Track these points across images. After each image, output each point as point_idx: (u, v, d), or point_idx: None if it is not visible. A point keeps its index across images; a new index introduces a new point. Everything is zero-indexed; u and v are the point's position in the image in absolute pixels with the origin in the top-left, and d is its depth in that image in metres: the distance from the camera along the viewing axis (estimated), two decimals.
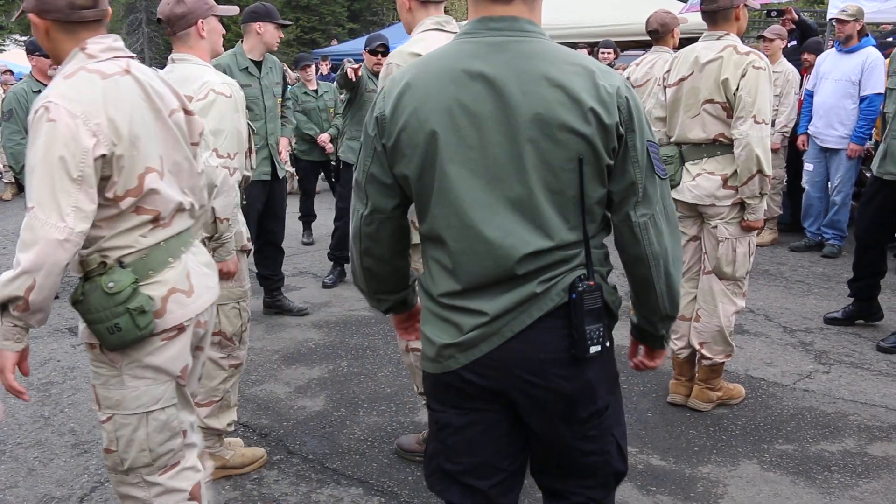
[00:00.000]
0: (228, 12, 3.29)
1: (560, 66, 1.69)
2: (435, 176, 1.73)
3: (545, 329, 1.76)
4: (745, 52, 3.59)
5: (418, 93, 1.72)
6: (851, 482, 3.29)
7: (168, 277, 2.20)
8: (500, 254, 1.71)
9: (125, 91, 2.11)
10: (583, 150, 1.68)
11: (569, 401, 1.80)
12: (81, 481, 3.38)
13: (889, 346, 4.74)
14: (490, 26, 1.73)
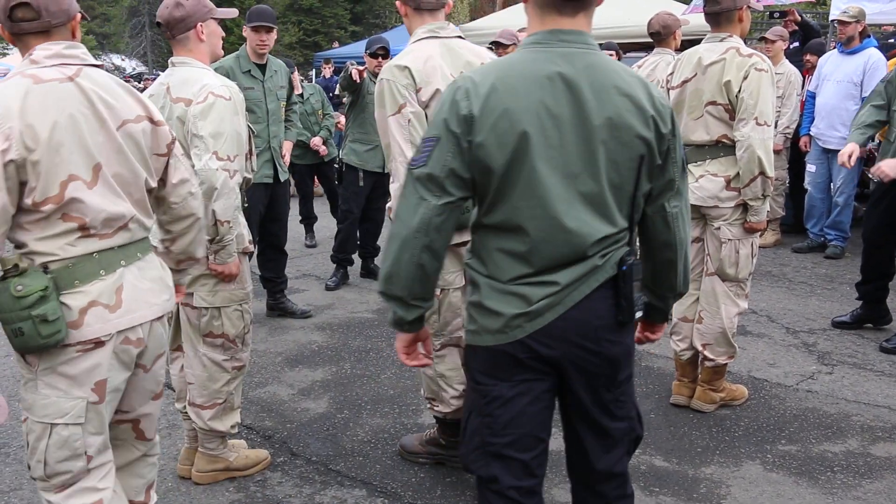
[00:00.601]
0: (228, 15, 3.30)
1: (623, 76, 1.93)
2: (522, 171, 1.90)
3: (599, 298, 1.97)
4: (747, 54, 3.60)
5: (507, 95, 1.88)
6: (854, 483, 3.29)
7: (92, 289, 2.16)
8: (576, 241, 1.93)
9: (58, 98, 2.09)
10: (643, 151, 1.94)
11: (613, 364, 2.02)
12: None
13: (892, 346, 4.74)
14: (561, 38, 1.92)
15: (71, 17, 2.21)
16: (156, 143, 2.30)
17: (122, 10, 39.90)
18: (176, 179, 2.37)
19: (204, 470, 3.35)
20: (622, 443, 2.13)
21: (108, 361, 2.20)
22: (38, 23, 2.13)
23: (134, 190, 2.25)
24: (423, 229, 1.94)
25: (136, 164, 2.24)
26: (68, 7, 2.19)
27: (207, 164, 2.93)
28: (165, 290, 2.36)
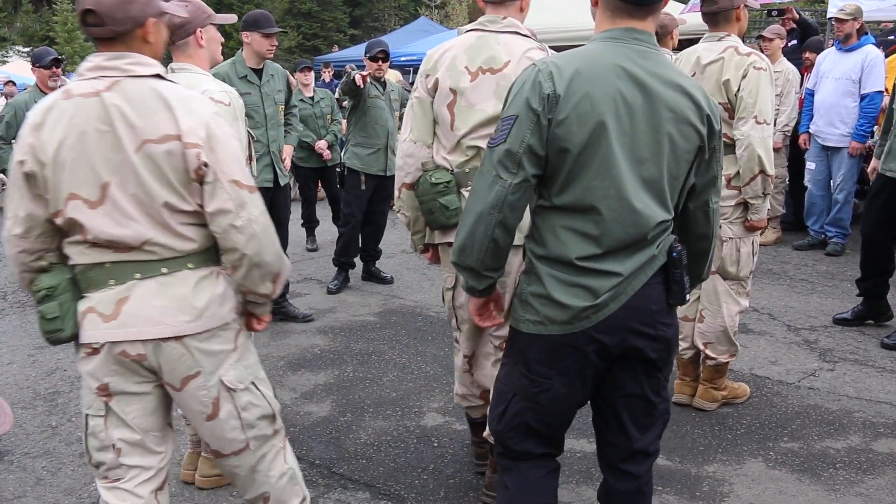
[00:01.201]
0: (227, 21, 3.31)
1: (683, 78, 2.10)
2: (598, 153, 2.02)
3: (653, 285, 2.11)
4: (745, 52, 3.60)
5: (588, 80, 2.01)
6: (857, 479, 3.30)
7: (95, 297, 2.18)
8: (641, 222, 2.05)
9: (74, 115, 2.10)
10: (700, 144, 2.10)
11: (669, 345, 2.17)
12: (90, 490, 3.40)
13: (893, 342, 4.74)
14: (635, 37, 2.08)
15: (139, 24, 2.13)
16: (182, 166, 2.11)
17: None
18: (212, 208, 2.14)
19: (207, 475, 3.35)
20: (659, 423, 2.28)
21: (105, 367, 2.22)
22: (102, 29, 2.11)
23: (153, 213, 2.14)
24: (497, 206, 2.05)
25: (154, 186, 2.12)
26: (137, 14, 2.12)
27: None
28: (187, 312, 2.19)
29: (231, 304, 2.30)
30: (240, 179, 2.16)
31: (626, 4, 2.07)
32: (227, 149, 2.16)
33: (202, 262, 2.24)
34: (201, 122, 2.13)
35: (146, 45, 2.18)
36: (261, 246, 2.21)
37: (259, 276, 2.26)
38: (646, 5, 2.08)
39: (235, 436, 2.35)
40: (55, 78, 6.28)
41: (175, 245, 2.18)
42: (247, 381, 2.35)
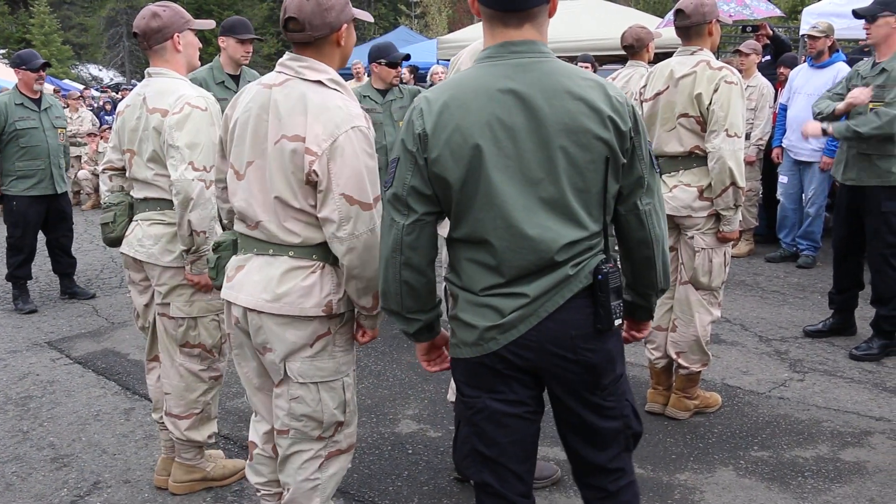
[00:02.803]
0: (204, 26, 3.31)
1: (577, 81, 1.94)
2: (480, 184, 1.94)
3: (574, 308, 1.99)
4: (717, 67, 3.66)
5: (458, 110, 1.93)
6: (824, 487, 3.35)
7: (234, 261, 2.51)
8: (540, 248, 1.94)
9: (252, 100, 2.39)
10: (606, 152, 1.94)
11: (594, 371, 2.04)
12: (61, 495, 3.37)
13: (861, 353, 4.82)
14: (512, 50, 1.96)
15: (335, 30, 2.34)
16: (297, 167, 2.27)
17: (99, 20, 39.68)
18: (321, 215, 2.29)
19: (181, 480, 3.34)
20: (617, 440, 2.15)
21: (228, 321, 2.55)
22: (302, 35, 2.32)
23: (268, 201, 2.35)
24: (397, 248, 2.03)
25: (276, 177, 2.31)
26: (333, 20, 2.32)
27: (183, 174, 2.94)
28: (269, 292, 2.35)
29: (317, 301, 2.37)
30: (352, 195, 2.26)
31: (498, 13, 1.96)
32: (350, 163, 2.25)
33: (305, 254, 2.37)
34: (330, 132, 2.25)
35: (338, 49, 2.40)
36: (360, 261, 2.30)
37: (358, 288, 2.36)
38: (515, 11, 1.94)
39: (280, 416, 2.49)
40: (40, 81, 6.25)
41: (278, 234, 2.36)
42: (309, 380, 2.43)
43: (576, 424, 2.13)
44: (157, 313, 3.24)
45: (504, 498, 2.14)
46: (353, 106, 2.34)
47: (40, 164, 6.21)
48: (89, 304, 6.47)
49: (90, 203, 11.25)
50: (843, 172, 4.91)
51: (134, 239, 3.20)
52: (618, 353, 2.11)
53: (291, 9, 2.29)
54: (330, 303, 2.39)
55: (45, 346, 5.35)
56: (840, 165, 4.96)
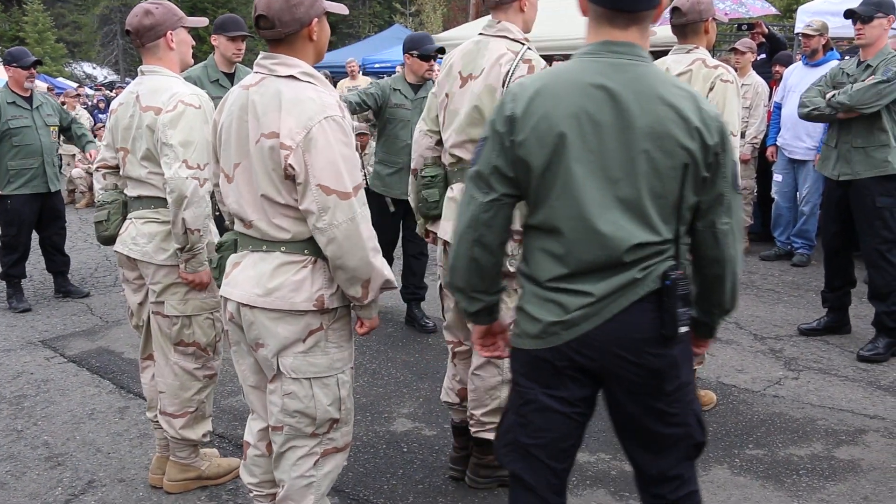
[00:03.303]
0: (197, 24, 3.30)
1: (670, 88, 1.96)
2: (559, 172, 1.96)
3: (639, 311, 1.98)
4: (713, 65, 3.67)
5: (549, 98, 1.97)
6: (819, 485, 3.36)
7: (232, 258, 2.52)
8: (610, 245, 1.95)
9: (233, 103, 2.42)
10: (687, 160, 1.94)
11: (657, 376, 2.03)
12: (55, 494, 3.37)
13: (869, 354, 4.80)
14: (612, 49, 1.98)
15: (305, 25, 2.35)
16: (276, 164, 2.29)
17: (93, 18, 39.60)
18: (302, 208, 2.31)
19: (175, 479, 3.34)
20: (677, 448, 2.13)
21: (225, 317, 2.56)
22: (273, 31, 2.34)
23: (255, 199, 2.38)
24: (472, 225, 2.06)
25: (260, 176, 2.34)
26: (302, 16, 2.33)
27: (177, 172, 2.93)
28: (260, 287, 2.38)
29: (307, 295, 2.37)
30: (328, 185, 2.26)
31: (607, 11, 1.99)
32: (324, 153, 2.26)
33: (296, 249, 2.38)
34: (303, 124, 2.26)
35: (311, 44, 2.41)
36: (341, 251, 2.30)
37: (345, 278, 2.36)
38: (626, 12, 1.98)
39: (274, 412, 2.49)
40: (31, 79, 6.22)
41: (270, 231, 2.38)
42: (302, 375, 2.43)
43: (635, 430, 2.13)
44: (152, 312, 3.24)
45: (534, 492, 2.15)
46: (326, 96, 2.35)
47: (33, 163, 6.19)
48: (83, 302, 6.45)
49: (84, 201, 11.21)
50: (833, 168, 4.91)
51: (128, 237, 3.19)
52: (683, 360, 2.08)
53: (261, 6, 2.31)
54: (321, 297, 2.38)
55: (39, 345, 5.34)
56: (827, 162, 4.96)
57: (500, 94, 2.92)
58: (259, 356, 2.48)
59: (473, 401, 3.22)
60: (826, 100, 4.79)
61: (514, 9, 3.04)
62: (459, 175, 3.10)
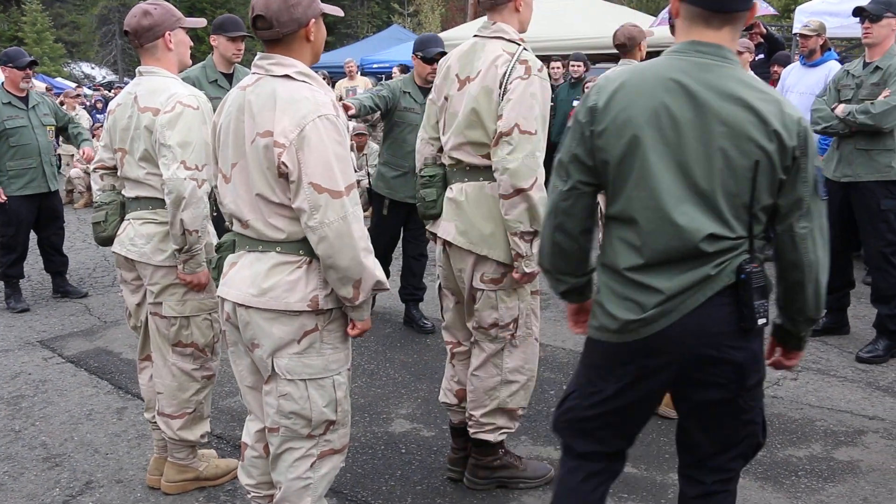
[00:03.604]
0: (196, 24, 3.29)
1: (752, 91, 1.99)
2: (636, 164, 2.01)
3: (716, 306, 2.02)
4: None
5: (631, 92, 2.03)
6: (818, 486, 3.36)
7: (229, 259, 2.52)
8: (685, 235, 1.99)
9: (231, 104, 2.44)
10: (762, 161, 1.97)
11: (740, 369, 2.06)
12: (53, 495, 3.36)
13: (868, 355, 4.80)
14: (699, 49, 2.03)
15: (303, 25, 2.36)
16: (270, 162, 2.30)
17: (92, 18, 39.56)
18: (294, 206, 2.31)
19: (173, 480, 3.33)
20: (740, 446, 2.20)
21: (222, 318, 2.57)
22: (270, 32, 2.34)
23: (251, 199, 2.39)
24: (553, 212, 2.19)
25: (255, 176, 2.35)
26: (300, 16, 2.34)
27: (175, 173, 2.92)
28: (255, 287, 2.38)
29: (301, 296, 2.37)
30: (320, 183, 2.26)
31: (703, 12, 2.03)
32: (317, 151, 2.26)
33: (291, 249, 2.39)
34: (297, 123, 2.27)
35: (308, 44, 2.42)
36: (332, 250, 2.29)
37: (336, 278, 2.35)
38: (723, 13, 2.02)
39: (270, 413, 2.48)
40: (27, 79, 6.21)
41: (265, 231, 2.39)
42: (297, 376, 2.43)
43: (707, 421, 2.17)
44: (150, 312, 3.23)
45: (582, 456, 2.27)
46: (321, 96, 2.35)
47: (32, 163, 6.18)
48: (82, 302, 6.45)
49: (83, 201, 11.20)
50: (836, 169, 4.90)
51: (126, 238, 3.18)
52: (760, 353, 2.11)
53: (259, 7, 2.32)
54: (315, 298, 2.38)
55: (37, 345, 5.33)
56: (831, 163, 4.95)
57: (496, 96, 2.91)
58: (255, 357, 2.48)
59: (472, 402, 3.22)
60: (842, 117, 4.74)
61: (509, 9, 3.04)
62: (458, 175, 3.09)
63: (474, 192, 3.05)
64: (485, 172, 3.02)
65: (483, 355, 3.17)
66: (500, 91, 2.90)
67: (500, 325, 3.11)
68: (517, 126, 2.86)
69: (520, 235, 2.95)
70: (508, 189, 2.89)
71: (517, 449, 3.62)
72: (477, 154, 3.02)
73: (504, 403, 3.19)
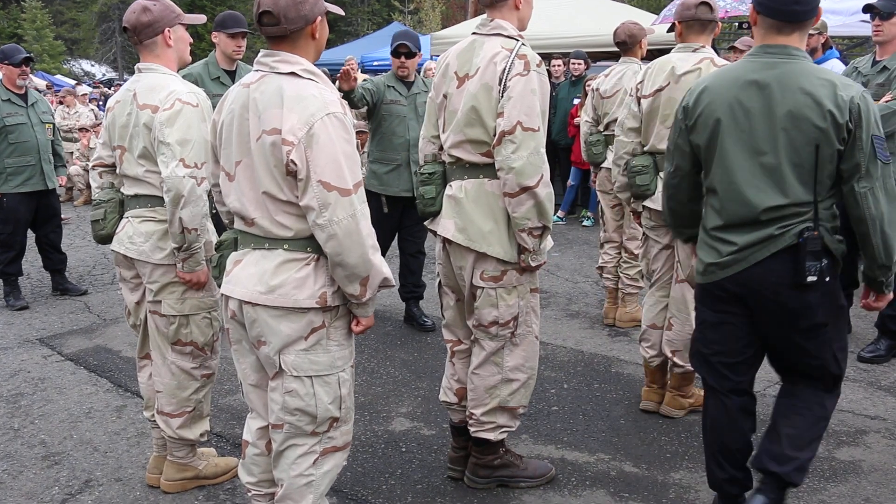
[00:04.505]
0: (196, 21, 3.28)
1: (812, 79, 2.49)
2: (717, 147, 2.62)
3: (778, 261, 2.56)
4: (721, 65, 3.65)
5: (713, 92, 2.64)
6: (820, 486, 3.34)
7: (233, 256, 2.52)
8: (749, 205, 2.56)
9: (234, 101, 2.43)
10: (819, 138, 2.48)
11: (792, 314, 2.61)
12: (52, 493, 3.35)
13: (869, 355, 4.79)
14: (767, 51, 2.58)
15: (309, 23, 2.36)
16: (278, 160, 2.29)
17: (91, 15, 39.52)
18: (302, 204, 2.30)
19: (173, 478, 3.32)
20: (815, 378, 2.74)
21: (226, 315, 2.55)
22: (277, 28, 2.34)
23: (258, 197, 2.38)
24: (666, 188, 2.92)
25: (261, 173, 2.34)
26: (308, 13, 2.34)
27: (174, 171, 2.91)
28: (262, 284, 2.38)
29: (310, 293, 2.37)
30: (329, 181, 2.26)
31: (777, 22, 2.55)
32: (326, 149, 2.26)
33: (299, 247, 2.39)
34: (305, 121, 2.26)
35: (312, 42, 2.42)
36: (341, 247, 2.30)
37: (343, 275, 2.35)
38: (793, 23, 2.54)
39: (275, 410, 2.48)
40: (23, 76, 6.19)
41: (272, 229, 2.38)
42: (303, 373, 2.43)
43: (780, 357, 2.80)
44: (149, 311, 3.22)
45: (714, 390, 2.82)
46: (328, 93, 2.35)
47: (30, 160, 6.17)
48: (81, 300, 6.43)
49: (82, 199, 11.18)
50: None
51: (124, 236, 3.17)
52: (818, 305, 2.59)
53: (266, 3, 2.31)
54: (324, 295, 2.38)
55: (36, 343, 5.32)
56: None
57: (496, 93, 2.90)
58: (261, 354, 2.47)
59: (472, 400, 3.21)
60: None
61: (508, 7, 3.02)
62: (458, 173, 3.08)
63: (474, 189, 3.04)
64: (484, 170, 3.01)
65: (483, 353, 3.16)
66: (499, 88, 2.89)
67: (499, 323, 3.09)
68: (519, 124, 2.84)
69: (528, 231, 2.95)
70: (514, 188, 2.88)
71: (518, 448, 3.61)
72: (476, 152, 3.00)
73: (504, 402, 3.18)
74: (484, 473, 3.31)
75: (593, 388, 4.41)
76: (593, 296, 6.28)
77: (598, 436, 3.79)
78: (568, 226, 9.20)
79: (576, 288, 6.55)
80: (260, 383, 2.58)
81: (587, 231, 8.90)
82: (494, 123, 2.91)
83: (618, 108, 5.27)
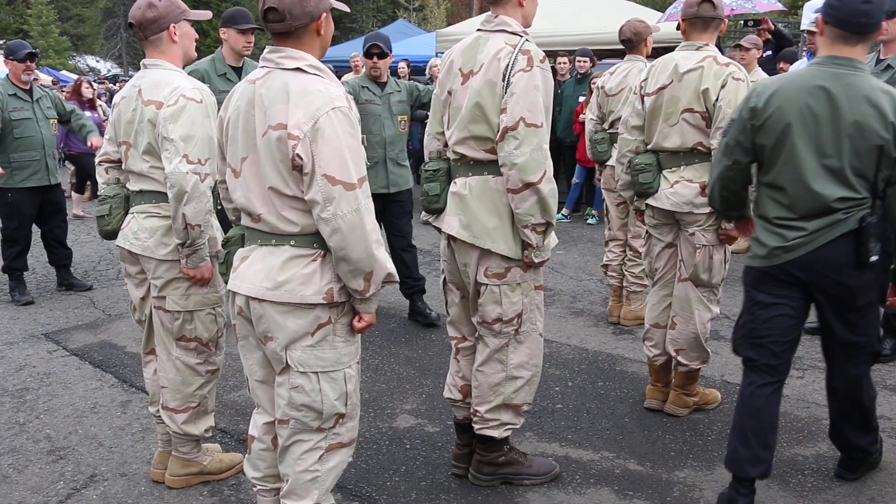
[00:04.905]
0: (201, 17, 3.28)
1: (875, 92, 2.75)
2: (785, 148, 2.82)
3: (841, 243, 2.82)
4: (724, 63, 3.64)
5: (783, 96, 2.82)
6: (824, 485, 3.34)
7: (240, 253, 2.51)
8: (819, 199, 2.80)
9: (240, 97, 2.43)
10: (881, 145, 2.74)
11: (852, 292, 2.88)
12: (57, 488, 3.36)
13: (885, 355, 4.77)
14: (835, 62, 2.80)
15: (315, 19, 2.36)
16: (283, 155, 2.29)
17: (97, 11, 39.57)
18: (307, 198, 2.30)
19: (178, 474, 3.32)
20: (860, 353, 3.02)
21: (233, 311, 2.56)
22: (282, 25, 2.33)
23: (264, 192, 2.38)
24: (720, 178, 3.06)
25: (267, 169, 2.34)
26: (313, 9, 2.34)
27: (178, 167, 2.91)
28: (269, 280, 2.38)
29: (317, 288, 2.38)
30: (334, 175, 2.26)
31: (844, 33, 2.76)
32: (331, 143, 2.26)
33: (306, 243, 2.39)
34: (310, 115, 2.26)
35: (317, 38, 2.42)
36: (345, 241, 2.30)
37: (347, 270, 2.35)
38: (859, 34, 2.77)
39: (281, 405, 2.49)
40: (28, 72, 6.19)
41: (278, 225, 2.39)
42: (310, 369, 2.44)
43: (831, 333, 3.00)
44: (154, 307, 3.22)
45: (758, 367, 3.01)
46: (333, 88, 2.35)
47: (35, 155, 6.17)
48: (86, 295, 6.44)
49: (87, 195, 11.19)
50: None
51: (129, 232, 3.17)
52: (875, 285, 2.91)
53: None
54: (331, 290, 2.38)
55: (41, 338, 5.33)
56: None
57: (500, 89, 2.89)
58: (268, 350, 2.47)
59: (477, 397, 3.21)
60: None
61: (512, 4, 3.02)
62: (462, 170, 3.07)
63: (478, 186, 3.03)
64: (489, 167, 3.01)
65: (487, 351, 3.16)
66: (503, 84, 2.89)
67: (503, 320, 3.09)
68: (522, 119, 2.84)
69: (531, 227, 2.94)
70: (517, 184, 2.88)
71: (522, 445, 3.61)
72: (480, 148, 3.00)
73: (509, 399, 3.18)
74: (488, 471, 3.31)
75: (597, 386, 4.41)
76: (598, 294, 6.28)
77: (603, 434, 3.79)
78: (573, 224, 9.19)
79: (580, 286, 6.55)
80: (266, 379, 2.59)
81: (592, 229, 8.89)
82: (498, 120, 2.91)
83: (623, 105, 5.25)
